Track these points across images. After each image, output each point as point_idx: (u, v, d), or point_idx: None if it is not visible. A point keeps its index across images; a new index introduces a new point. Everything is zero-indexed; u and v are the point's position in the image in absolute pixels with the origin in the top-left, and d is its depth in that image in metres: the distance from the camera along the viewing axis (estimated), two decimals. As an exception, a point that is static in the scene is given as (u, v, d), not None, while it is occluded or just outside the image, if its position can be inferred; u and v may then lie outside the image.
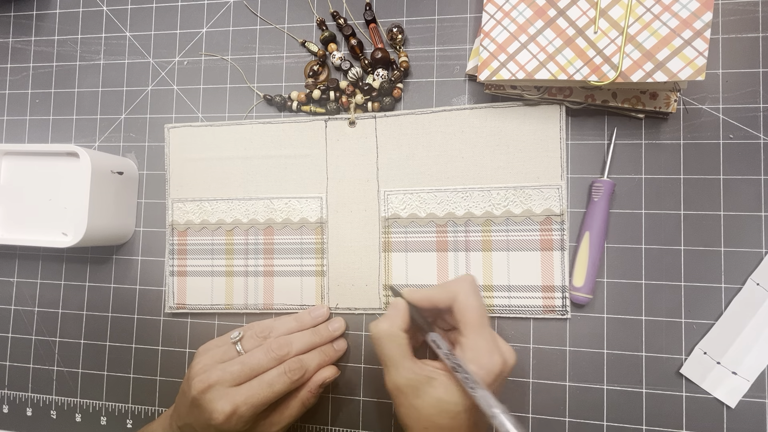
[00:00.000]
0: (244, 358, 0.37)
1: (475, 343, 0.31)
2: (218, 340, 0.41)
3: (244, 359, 0.37)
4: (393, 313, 0.34)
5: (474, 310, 0.32)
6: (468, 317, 0.32)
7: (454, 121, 0.42)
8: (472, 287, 0.33)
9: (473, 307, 0.32)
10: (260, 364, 0.37)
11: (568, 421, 0.39)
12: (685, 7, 0.34)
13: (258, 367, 0.36)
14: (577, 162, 0.41)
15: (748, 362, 0.37)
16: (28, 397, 0.48)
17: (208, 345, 0.40)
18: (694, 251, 0.39)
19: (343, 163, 0.44)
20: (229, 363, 0.37)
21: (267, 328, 0.40)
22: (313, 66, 0.44)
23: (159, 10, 0.48)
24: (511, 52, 0.37)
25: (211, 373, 0.36)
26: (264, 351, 0.37)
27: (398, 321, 0.34)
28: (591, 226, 0.39)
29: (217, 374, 0.36)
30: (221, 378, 0.35)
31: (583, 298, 0.39)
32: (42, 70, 0.50)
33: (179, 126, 0.47)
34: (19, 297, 0.49)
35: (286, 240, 0.44)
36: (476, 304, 0.32)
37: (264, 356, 0.37)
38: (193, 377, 0.36)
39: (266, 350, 0.37)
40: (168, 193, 0.47)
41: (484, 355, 0.31)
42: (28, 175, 0.45)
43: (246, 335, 0.40)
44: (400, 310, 0.34)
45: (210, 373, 0.36)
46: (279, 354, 0.37)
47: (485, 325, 0.32)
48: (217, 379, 0.35)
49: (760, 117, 0.38)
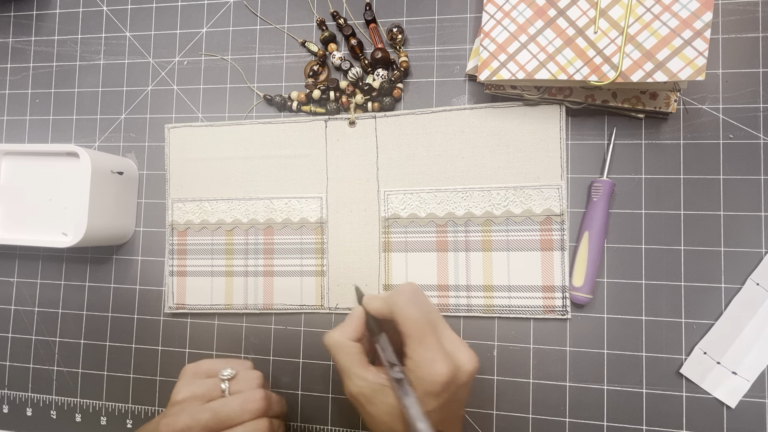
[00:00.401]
0: (217, 405, 0.35)
1: (416, 353, 0.31)
2: (212, 365, 0.39)
3: (216, 407, 0.35)
4: (347, 322, 0.35)
5: (411, 320, 0.31)
6: (407, 329, 0.31)
7: (454, 121, 0.42)
8: (409, 297, 0.32)
9: (410, 318, 0.31)
10: (230, 417, 0.34)
11: (568, 421, 0.39)
12: (685, 7, 0.34)
13: (228, 420, 0.34)
14: (577, 162, 0.41)
15: (748, 362, 0.37)
16: (28, 397, 0.48)
17: (197, 367, 0.38)
18: (694, 251, 0.39)
19: (343, 163, 0.44)
20: (201, 409, 0.35)
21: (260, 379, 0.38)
22: (313, 66, 0.44)
23: (159, 10, 0.48)
24: (511, 52, 0.37)
25: (179, 418, 0.34)
26: (240, 402, 0.35)
27: (349, 331, 0.34)
28: (590, 226, 0.39)
29: (184, 421, 0.34)
30: (187, 426, 0.34)
31: (583, 298, 0.39)
32: (42, 70, 0.50)
33: (179, 126, 0.47)
34: (19, 297, 0.49)
35: (286, 240, 0.44)
36: (413, 314, 0.31)
37: (239, 408, 0.35)
38: (166, 415, 0.35)
39: (243, 401, 0.35)
40: (168, 193, 0.47)
41: (424, 365, 0.30)
42: (28, 175, 0.45)
43: (239, 376, 0.37)
44: (354, 319, 0.35)
45: (179, 417, 0.34)
46: (254, 408, 0.35)
47: (428, 333, 0.31)
48: (182, 427, 0.34)
49: (760, 117, 0.38)
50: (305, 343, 0.44)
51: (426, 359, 0.30)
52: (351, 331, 0.34)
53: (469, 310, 0.41)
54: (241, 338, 0.45)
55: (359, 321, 0.35)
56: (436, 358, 0.30)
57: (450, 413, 0.31)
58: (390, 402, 0.31)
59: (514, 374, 0.40)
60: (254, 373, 0.38)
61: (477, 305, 0.41)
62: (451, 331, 0.33)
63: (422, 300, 0.33)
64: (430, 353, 0.30)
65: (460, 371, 0.30)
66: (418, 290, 0.34)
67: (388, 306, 0.33)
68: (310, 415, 0.43)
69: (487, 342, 0.41)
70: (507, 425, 0.40)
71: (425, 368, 0.30)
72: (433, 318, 0.32)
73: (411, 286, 0.34)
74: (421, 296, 0.33)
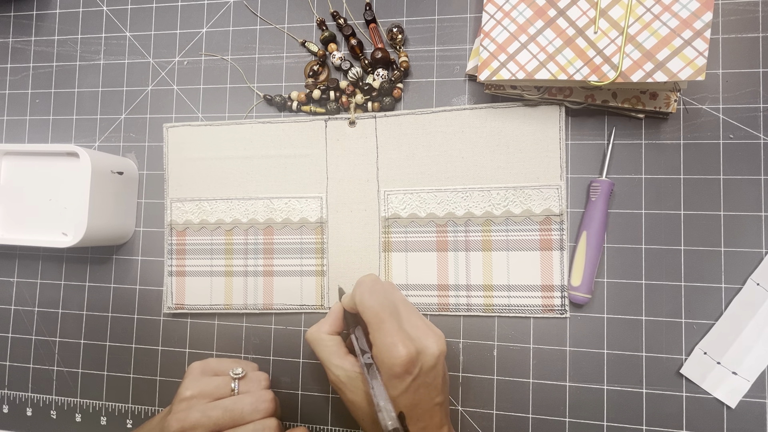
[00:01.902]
0: (228, 403, 0.35)
1: (377, 339, 0.32)
2: (219, 364, 0.39)
3: (228, 405, 0.35)
4: (326, 318, 0.37)
5: (369, 309, 0.33)
6: (366, 317, 0.33)
7: (454, 121, 0.42)
8: (367, 287, 0.34)
9: (368, 307, 0.33)
10: (242, 415, 0.35)
11: (568, 421, 0.39)
12: (685, 7, 0.34)
13: (239, 418, 0.35)
14: (577, 162, 0.41)
15: (749, 362, 0.37)
16: (28, 397, 0.48)
17: (205, 365, 0.39)
18: (694, 251, 0.39)
19: (343, 163, 0.44)
20: (212, 406, 0.35)
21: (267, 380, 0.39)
22: (313, 66, 0.44)
23: (159, 10, 0.48)
24: (511, 52, 0.37)
25: (190, 413, 0.34)
26: (252, 401, 0.36)
27: (326, 326, 0.37)
28: (588, 226, 0.39)
29: (195, 416, 0.34)
30: (198, 422, 0.34)
31: (582, 297, 0.39)
32: (42, 70, 0.50)
33: (178, 125, 0.47)
34: (19, 297, 0.49)
35: (285, 240, 0.44)
36: (370, 302, 0.33)
37: (250, 406, 0.35)
38: (174, 411, 0.35)
39: (255, 400, 0.36)
40: (166, 192, 0.47)
41: (384, 350, 0.31)
42: (28, 175, 0.45)
43: (248, 376, 0.38)
44: (332, 314, 0.37)
45: (190, 412, 0.34)
46: (264, 407, 0.36)
47: (385, 319, 0.32)
48: (193, 423, 0.34)
49: (760, 117, 0.38)
50: (305, 343, 0.44)
51: (386, 344, 0.31)
52: (328, 326, 0.37)
53: (469, 310, 0.41)
54: (242, 338, 0.45)
55: (336, 316, 0.37)
56: (395, 342, 0.31)
57: (422, 398, 0.32)
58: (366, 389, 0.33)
59: (513, 374, 0.40)
60: (262, 374, 0.39)
61: (477, 305, 0.41)
62: (417, 317, 0.34)
63: (380, 288, 0.35)
64: (389, 338, 0.32)
65: (423, 354, 0.32)
66: (376, 280, 0.36)
67: (353, 298, 0.35)
68: (310, 415, 0.43)
69: (487, 342, 0.41)
70: (507, 425, 0.40)
71: (385, 352, 0.31)
72: (394, 305, 0.34)
73: (370, 278, 0.36)
74: (378, 285, 0.35)
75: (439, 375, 0.33)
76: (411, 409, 0.32)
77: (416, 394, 0.32)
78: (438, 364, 0.32)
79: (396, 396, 0.31)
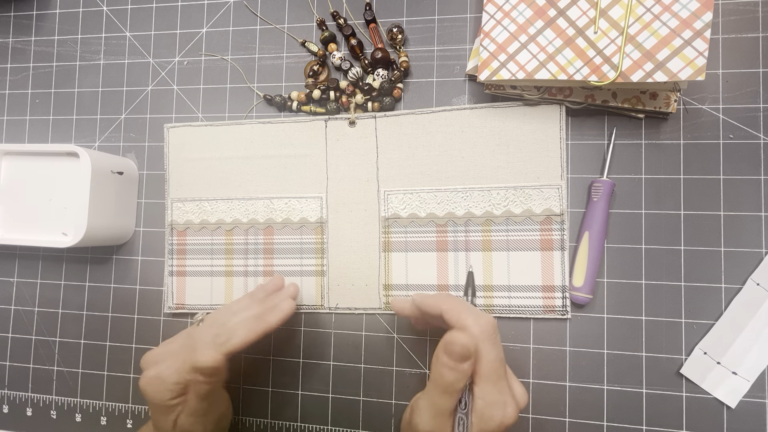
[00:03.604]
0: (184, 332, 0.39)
1: (489, 395, 0.31)
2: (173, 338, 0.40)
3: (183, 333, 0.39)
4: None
5: (490, 362, 0.31)
6: (484, 369, 0.31)
7: (454, 121, 0.42)
8: (490, 335, 0.31)
9: (489, 360, 0.31)
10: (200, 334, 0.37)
11: (568, 421, 0.39)
12: (685, 7, 0.34)
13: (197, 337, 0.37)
14: (577, 162, 0.41)
15: (749, 362, 0.37)
16: (28, 397, 0.48)
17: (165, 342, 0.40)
18: (694, 251, 0.39)
19: (343, 163, 0.44)
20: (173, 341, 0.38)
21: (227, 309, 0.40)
22: (313, 66, 0.44)
23: (159, 10, 0.48)
24: (511, 52, 0.37)
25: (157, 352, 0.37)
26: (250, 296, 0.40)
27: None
28: (590, 226, 0.39)
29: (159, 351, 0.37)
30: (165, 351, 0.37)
31: (583, 298, 0.39)
32: (42, 70, 0.50)
33: (179, 126, 0.47)
34: (19, 297, 0.49)
35: (286, 240, 0.44)
36: (492, 354, 0.31)
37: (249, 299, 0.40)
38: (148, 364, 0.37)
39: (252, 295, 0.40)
40: (167, 192, 0.47)
41: (496, 407, 0.30)
42: (28, 175, 0.45)
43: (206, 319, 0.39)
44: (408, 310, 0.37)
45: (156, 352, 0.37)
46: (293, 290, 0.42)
47: (502, 376, 0.31)
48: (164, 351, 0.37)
49: (760, 117, 0.38)
50: (305, 343, 0.44)
51: (498, 402, 0.30)
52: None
53: (469, 310, 0.41)
54: (241, 338, 0.45)
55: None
56: (508, 402, 0.30)
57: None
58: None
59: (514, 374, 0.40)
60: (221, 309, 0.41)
61: (477, 305, 0.41)
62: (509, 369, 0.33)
63: (498, 339, 0.32)
64: (503, 397, 0.30)
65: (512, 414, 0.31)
66: (496, 328, 0.32)
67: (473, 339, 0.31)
68: (310, 415, 0.43)
69: (487, 342, 0.41)
70: (507, 425, 0.40)
71: (496, 410, 0.30)
72: (503, 358, 0.32)
73: (493, 323, 0.32)
74: (498, 335, 0.32)
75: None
76: None
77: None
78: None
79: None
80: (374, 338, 0.43)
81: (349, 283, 0.43)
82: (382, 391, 0.42)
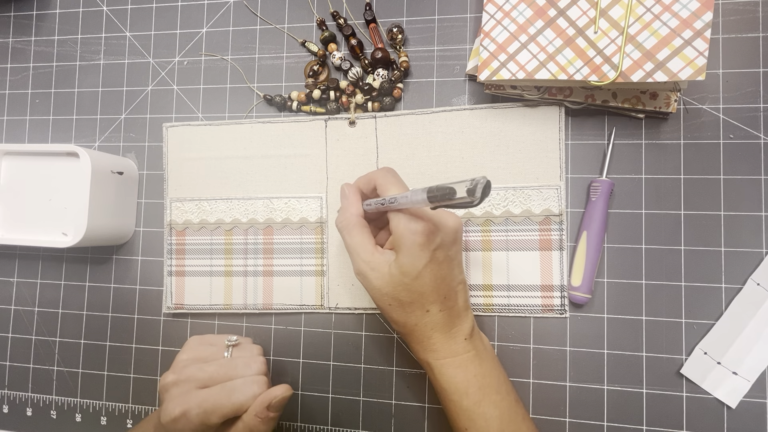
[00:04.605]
0: (223, 361, 0.37)
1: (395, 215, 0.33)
2: (215, 337, 0.41)
3: (222, 362, 0.37)
4: (348, 200, 0.36)
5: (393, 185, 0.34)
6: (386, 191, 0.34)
7: (454, 121, 0.42)
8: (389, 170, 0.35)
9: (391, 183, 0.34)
10: (235, 371, 0.36)
11: (568, 421, 0.39)
12: (685, 7, 0.34)
13: (233, 373, 0.36)
14: (577, 162, 0.41)
15: (749, 362, 0.37)
16: (28, 397, 0.48)
17: (202, 338, 0.40)
18: (694, 251, 0.39)
19: (343, 163, 0.44)
20: (207, 363, 0.36)
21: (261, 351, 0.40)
22: (313, 66, 0.44)
23: (159, 10, 0.48)
24: (511, 52, 0.37)
25: (185, 369, 0.36)
26: (245, 359, 0.37)
27: (352, 208, 0.35)
28: (589, 226, 0.39)
29: (190, 371, 0.36)
30: (193, 375, 0.35)
31: (582, 297, 0.39)
32: (42, 70, 0.50)
33: (178, 125, 0.47)
34: (19, 297, 0.49)
35: (285, 240, 0.44)
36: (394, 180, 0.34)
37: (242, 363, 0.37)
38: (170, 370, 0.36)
39: (247, 359, 0.37)
40: (166, 192, 0.47)
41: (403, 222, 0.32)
42: (28, 175, 0.45)
43: (242, 345, 0.39)
44: (353, 194, 0.36)
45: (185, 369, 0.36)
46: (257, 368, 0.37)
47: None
48: (188, 376, 0.35)
49: (760, 117, 0.38)
50: (305, 343, 0.44)
51: (404, 216, 0.32)
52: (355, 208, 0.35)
53: (469, 310, 0.41)
54: (241, 338, 0.45)
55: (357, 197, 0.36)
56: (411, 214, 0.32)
57: (446, 274, 0.33)
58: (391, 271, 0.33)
59: (514, 374, 0.40)
60: (256, 346, 0.40)
61: (476, 304, 0.41)
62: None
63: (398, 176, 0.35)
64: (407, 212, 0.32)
65: (443, 226, 0.32)
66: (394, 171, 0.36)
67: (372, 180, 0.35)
68: (310, 415, 0.43)
69: (487, 342, 0.41)
70: (507, 425, 0.40)
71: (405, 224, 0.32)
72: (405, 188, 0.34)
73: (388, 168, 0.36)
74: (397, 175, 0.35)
75: (460, 252, 0.34)
76: (438, 284, 0.32)
77: (441, 268, 0.32)
78: (458, 240, 0.33)
79: (421, 268, 0.32)
80: (374, 338, 0.43)
81: (349, 283, 0.43)
82: (382, 391, 0.42)
